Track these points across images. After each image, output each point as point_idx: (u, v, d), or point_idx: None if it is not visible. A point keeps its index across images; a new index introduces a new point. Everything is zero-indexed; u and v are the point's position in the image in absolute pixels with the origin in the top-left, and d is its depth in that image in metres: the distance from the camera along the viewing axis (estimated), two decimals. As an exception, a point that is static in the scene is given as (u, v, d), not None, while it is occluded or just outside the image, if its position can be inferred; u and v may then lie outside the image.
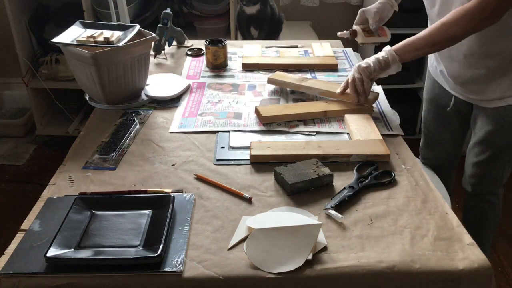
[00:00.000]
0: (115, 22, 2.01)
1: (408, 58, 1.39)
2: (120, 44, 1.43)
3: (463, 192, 1.68)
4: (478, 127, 1.51)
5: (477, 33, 1.30)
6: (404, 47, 1.38)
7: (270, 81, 1.61)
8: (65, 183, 1.18)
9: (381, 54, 1.40)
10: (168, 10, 1.90)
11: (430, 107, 1.72)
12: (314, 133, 1.38)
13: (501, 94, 1.40)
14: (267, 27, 2.56)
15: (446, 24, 1.28)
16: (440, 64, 1.55)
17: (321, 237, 1.00)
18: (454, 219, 1.06)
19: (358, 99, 1.44)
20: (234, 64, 1.85)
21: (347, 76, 1.53)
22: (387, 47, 1.41)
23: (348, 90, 1.46)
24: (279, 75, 1.64)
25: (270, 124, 1.42)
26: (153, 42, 1.68)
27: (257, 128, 1.41)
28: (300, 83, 1.57)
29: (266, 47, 1.99)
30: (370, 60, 1.41)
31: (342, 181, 1.18)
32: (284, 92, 1.62)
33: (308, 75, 1.72)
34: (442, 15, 1.33)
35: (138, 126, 1.43)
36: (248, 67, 1.80)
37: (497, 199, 1.62)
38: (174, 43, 2.01)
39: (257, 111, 1.46)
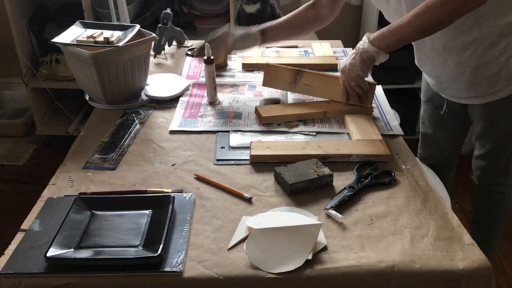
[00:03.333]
0: (115, 22, 2.01)
1: (393, 47, 1.31)
2: (120, 44, 1.43)
3: (466, 191, 1.68)
4: (476, 122, 1.52)
5: (450, 25, 1.25)
6: (386, 38, 1.29)
7: (265, 84, 1.58)
8: (65, 183, 1.18)
9: (364, 51, 1.32)
10: (168, 10, 1.90)
11: (426, 107, 1.73)
12: (314, 133, 1.38)
13: (487, 89, 1.40)
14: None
15: (431, 7, 1.19)
16: (424, 67, 1.55)
17: (321, 237, 1.00)
18: (454, 219, 1.06)
19: (360, 101, 1.44)
20: (234, 64, 1.85)
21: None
22: (367, 41, 1.32)
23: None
24: (272, 70, 1.56)
25: (270, 124, 1.42)
26: (153, 42, 1.68)
27: (257, 128, 1.41)
28: (294, 85, 1.53)
29: (266, 47, 1.99)
30: (357, 64, 1.34)
31: (342, 181, 1.18)
32: (284, 91, 1.62)
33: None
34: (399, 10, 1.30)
35: (138, 126, 1.43)
36: (248, 67, 1.80)
37: (507, 190, 1.61)
38: (174, 43, 2.01)
39: (257, 111, 1.46)
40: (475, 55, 1.35)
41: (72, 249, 0.95)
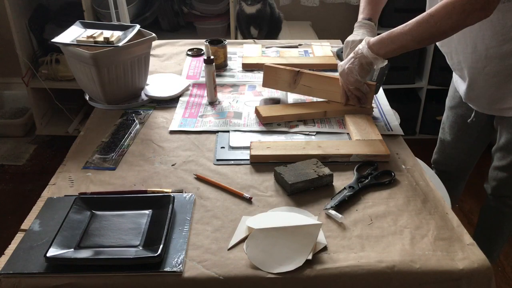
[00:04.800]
0: (115, 22, 2.01)
1: (391, 54, 1.30)
2: (120, 44, 1.43)
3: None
4: (501, 133, 1.50)
5: (497, 31, 1.23)
6: (386, 45, 1.27)
7: (265, 85, 1.58)
8: (65, 183, 1.18)
9: (362, 56, 1.31)
10: None
11: (449, 114, 1.69)
12: (314, 133, 1.38)
13: None
14: (267, 27, 2.56)
15: (435, 17, 1.17)
16: (458, 71, 1.51)
17: (321, 237, 1.00)
18: (454, 219, 1.06)
19: (360, 103, 1.44)
20: (234, 64, 1.85)
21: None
22: (365, 46, 1.30)
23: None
24: (271, 71, 1.55)
25: (270, 124, 1.42)
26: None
27: (257, 128, 1.41)
28: (294, 86, 1.53)
29: (266, 47, 1.99)
30: (355, 69, 1.33)
31: (342, 181, 1.18)
32: (284, 91, 1.61)
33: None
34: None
35: (138, 126, 1.43)
36: (248, 67, 1.80)
37: None
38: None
39: (257, 112, 1.46)
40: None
41: (72, 249, 0.95)
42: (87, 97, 1.59)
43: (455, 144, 1.71)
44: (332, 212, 1.06)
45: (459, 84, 1.56)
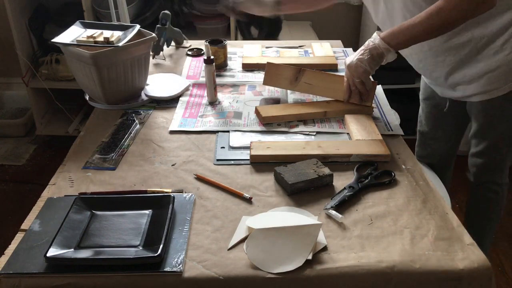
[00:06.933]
0: (115, 22, 2.01)
1: (403, 46, 1.35)
2: (120, 44, 1.43)
3: (466, 191, 1.68)
4: (473, 120, 1.53)
5: None
6: (397, 36, 1.31)
7: (265, 82, 1.59)
8: (65, 183, 1.18)
9: (373, 47, 1.34)
10: (167, 11, 1.90)
11: (424, 106, 1.73)
12: (314, 133, 1.38)
13: (484, 88, 1.40)
14: (267, 26, 2.56)
15: (444, 9, 1.21)
16: (420, 70, 1.55)
17: (321, 237, 1.00)
18: (454, 219, 1.06)
19: (361, 99, 1.44)
20: (234, 64, 1.85)
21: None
22: (378, 38, 1.33)
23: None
24: (274, 69, 1.56)
25: (270, 124, 1.42)
26: (152, 43, 1.68)
27: (257, 128, 1.41)
28: (295, 83, 1.54)
29: (266, 47, 1.99)
30: (365, 59, 1.35)
31: (342, 181, 1.18)
32: (284, 91, 1.62)
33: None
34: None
35: (138, 126, 1.43)
36: (248, 67, 1.80)
37: (500, 189, 1.62)
38: (174, 43, 2.01)
39: (257, 112, 1.46)
40: (473, 52, 1.36)
41: (72, 249, 0.95)
42: (87, 97, 1.59)
43: (433, 135, 1.73)
44: (332, 212, 1.06)
45: (427, 80, 1.60)
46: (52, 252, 0.93)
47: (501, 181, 1.61)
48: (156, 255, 0.92)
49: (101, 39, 1.46)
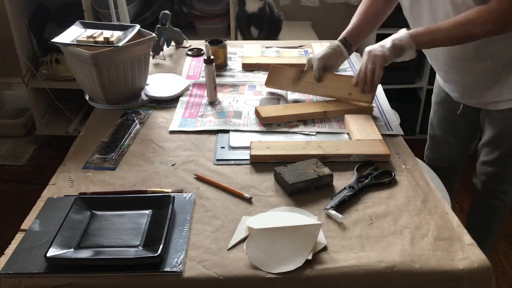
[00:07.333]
0: (115, 22, 2.01)
1: (425, 47, 1.37)
2: (120, 44, 1.43)
3: (466, 191, 1.69)
4: (486, 128, 1.52)
5: None
6: (423, 35, 1.32)
7: (268, 84, 1.59)
8: (65, 183, 1.18)
9: (397, 39, 1.34)
10: (167, 11, 1.90)
11: (436, 109, 1.71)
12: (314, 133, 1.38)
13: (504, 96, 1.40)
14: (267, 26, 2.56)
15: (472, 22, 1.23)
16: (442, 72, 1.54)
17: (321, 237, 1.00)
18: (454, 219, 1.06)
19: (363, 88, 1.42)
20: (234, 64, 1.85)
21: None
22: (405, 32, 1.35)
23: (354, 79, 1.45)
24: (277, 71, 1.58)
25: (270, 124, 1.42)
26: (152, 43, 1.68)
27: (257, 128, 1.41)
28: (297, 83, 1.54)
29: (266, 47, 1.99)
30: (386, 46, 1.35)
31: (342, 181, 1.18)
32: (284, 92, 1.61)
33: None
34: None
35: (138, 126, 1.43)
36: (248, 67, 1.80)
37: (506, 196, 1.63)
38: (174, 43, 2.01)
39: (257, 112, 1.45)
40: (501, 62, 1.36)
41: (72, 249, 0.95)
42: (87, 97, 1.59)
43: (445, 139, 1.72)
44: (332, 212, 1.06)
45: (444, 84, 1.59)
46: (52, 252, 0.93)
47: (508, 189, 1.60)
48: (156, 255, 0.92)
49: (101, 39, 1.46)
